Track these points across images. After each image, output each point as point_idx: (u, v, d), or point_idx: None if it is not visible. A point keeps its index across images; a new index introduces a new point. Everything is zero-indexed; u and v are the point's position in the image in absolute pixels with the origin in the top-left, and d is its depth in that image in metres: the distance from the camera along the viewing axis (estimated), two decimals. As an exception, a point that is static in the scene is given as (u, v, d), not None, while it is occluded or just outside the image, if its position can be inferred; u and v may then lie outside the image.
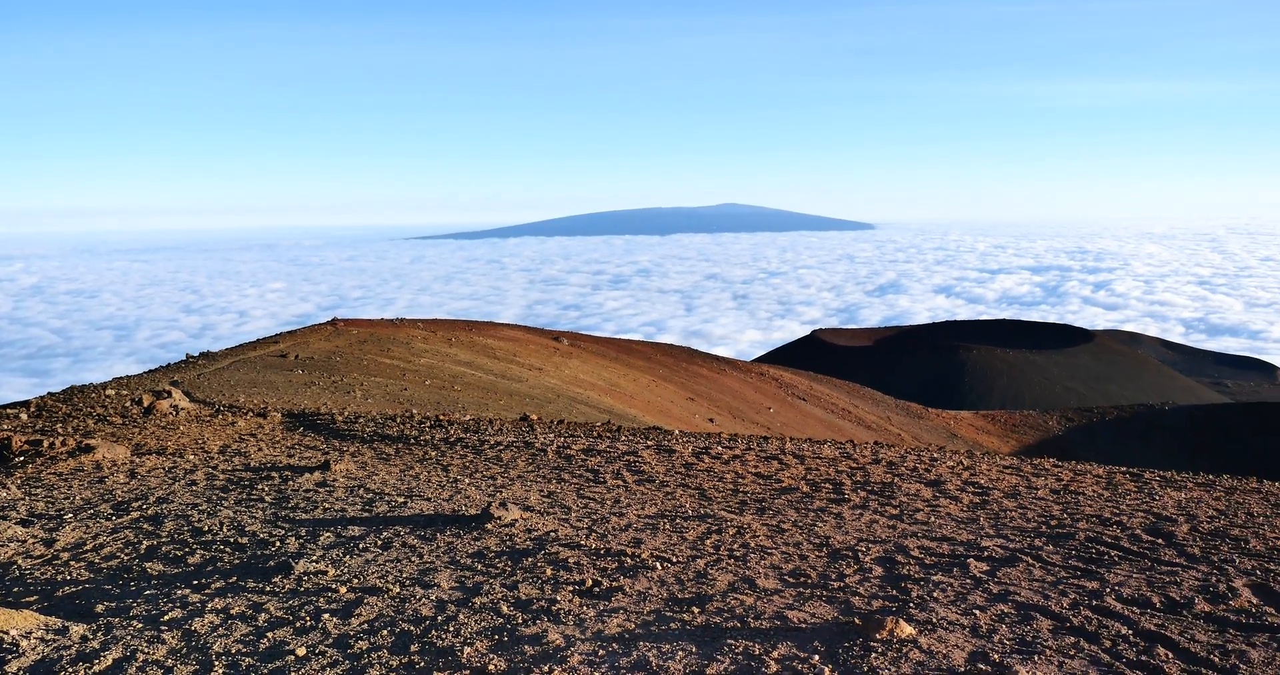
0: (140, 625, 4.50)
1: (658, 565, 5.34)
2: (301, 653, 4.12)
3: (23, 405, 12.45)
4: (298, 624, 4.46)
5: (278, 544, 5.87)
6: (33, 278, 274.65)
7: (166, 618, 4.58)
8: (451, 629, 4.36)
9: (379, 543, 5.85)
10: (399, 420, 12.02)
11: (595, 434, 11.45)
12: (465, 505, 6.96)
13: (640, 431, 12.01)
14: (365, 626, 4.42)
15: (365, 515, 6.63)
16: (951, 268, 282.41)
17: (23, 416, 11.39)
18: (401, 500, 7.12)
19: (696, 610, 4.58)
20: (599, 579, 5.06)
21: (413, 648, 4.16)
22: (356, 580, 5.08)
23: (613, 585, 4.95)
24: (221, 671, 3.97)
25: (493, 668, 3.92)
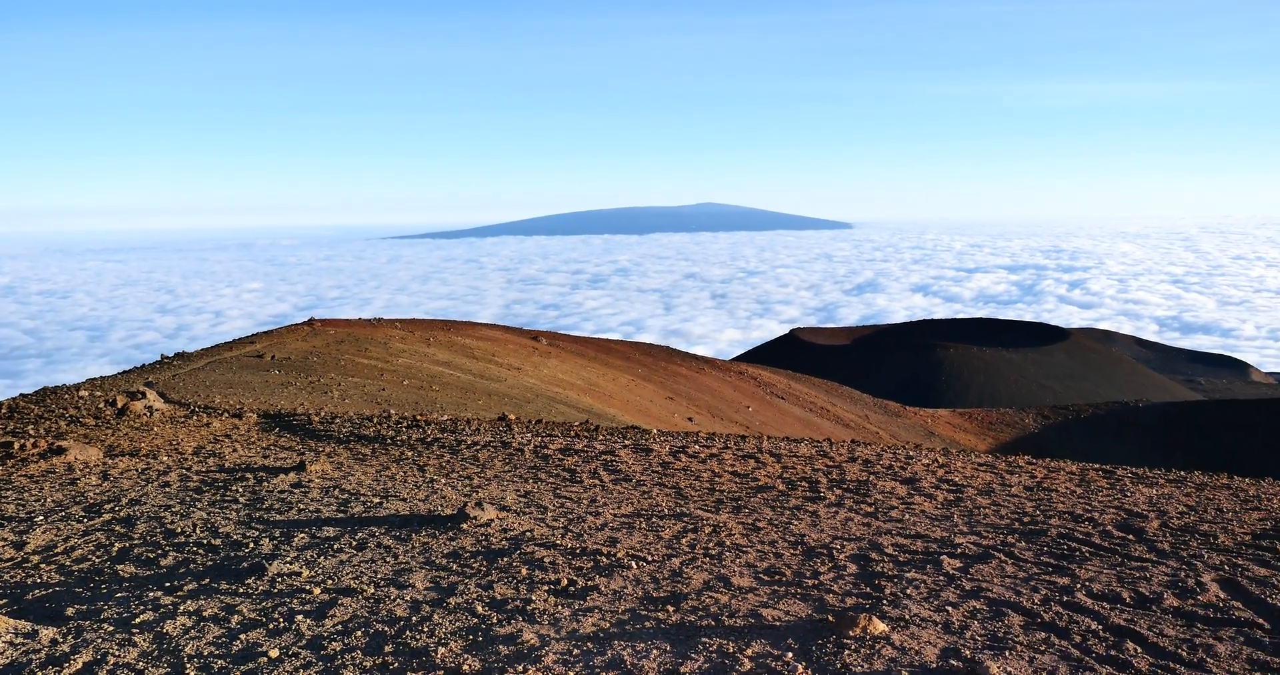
0: (111, 628, 4.46)
1: (633, 564, 5.35)
2: (274, 654, 4.10)
3: (-7, 407, 12.31)
4: (271, 626, 4.44)
5: (251, 545, 5.83)
6: (4, 278, 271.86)
7: (138, 620, 4.54)
8: (426, 629, 4.35)
9: (354, 543, 5.83)
10: (376, 421, 11.97)
11: (573, 433, 11.44)
12: (441, 505, 6.94)
13: (618, 431, 12.02)
14: (339, 627, 4.40)
15: (340, 516, 6.60)
16: (929, 267, 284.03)
17: (-7, 418, 11.27)
18: (377, 501, 7.10)
19: (671, 609, 4.59)
20: (574, 578, 5.06)
21: (387, 649, 4.15)
22: (331, 581, 5.06)
23: (588, 585, 4.96)
24: (193, 674, 3.95)
25: (467, 668, 3.92)
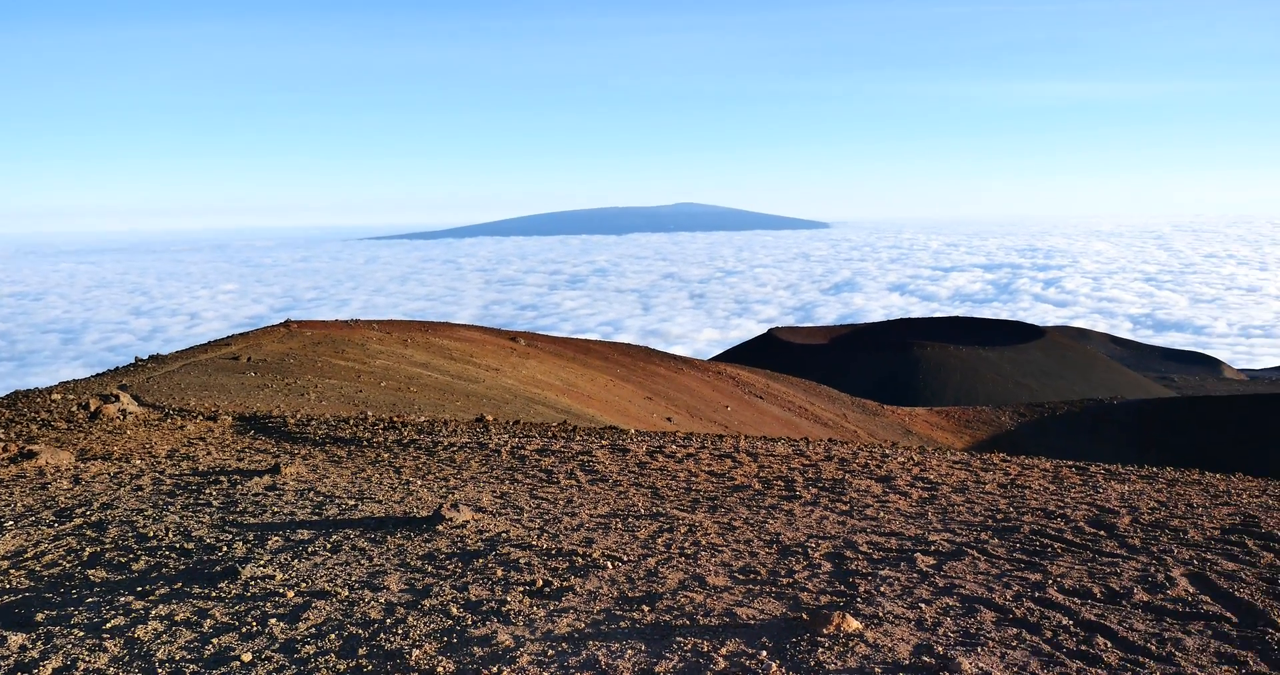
0: (81, 633, 4.42)
1: (609, 564, 5.35)
2: (247, 658, 4.08)
3: (-37, 411, 12.16)
4: (244, 629, 4.42)
5: (225, 549, 5.80)
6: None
7: (109, 625, 4.51)
8: (400, 631, 4.34)
9: (328, 546, 5.80)
10: (352, 422, 11.91)
11: (550, 434, 11.43)
12: (417, 507, 6.92)
13: (595, 431, 12.01)
14: (313, 630, 4.38)
15: (315, 519, 6.57)
16: (905, 266, 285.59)
17: (-37, 423, 11.13)
18: (352, 503, 7.07)
19: (646, 609, 4.60)
20: (550, 579, 5.06)
21: (361, 651, 4.13)
22: (304, 584, 5.04)
23: (563, 585, 4.96)
24: (165, 679, 3.92)
25: (441, 669, 3.91)
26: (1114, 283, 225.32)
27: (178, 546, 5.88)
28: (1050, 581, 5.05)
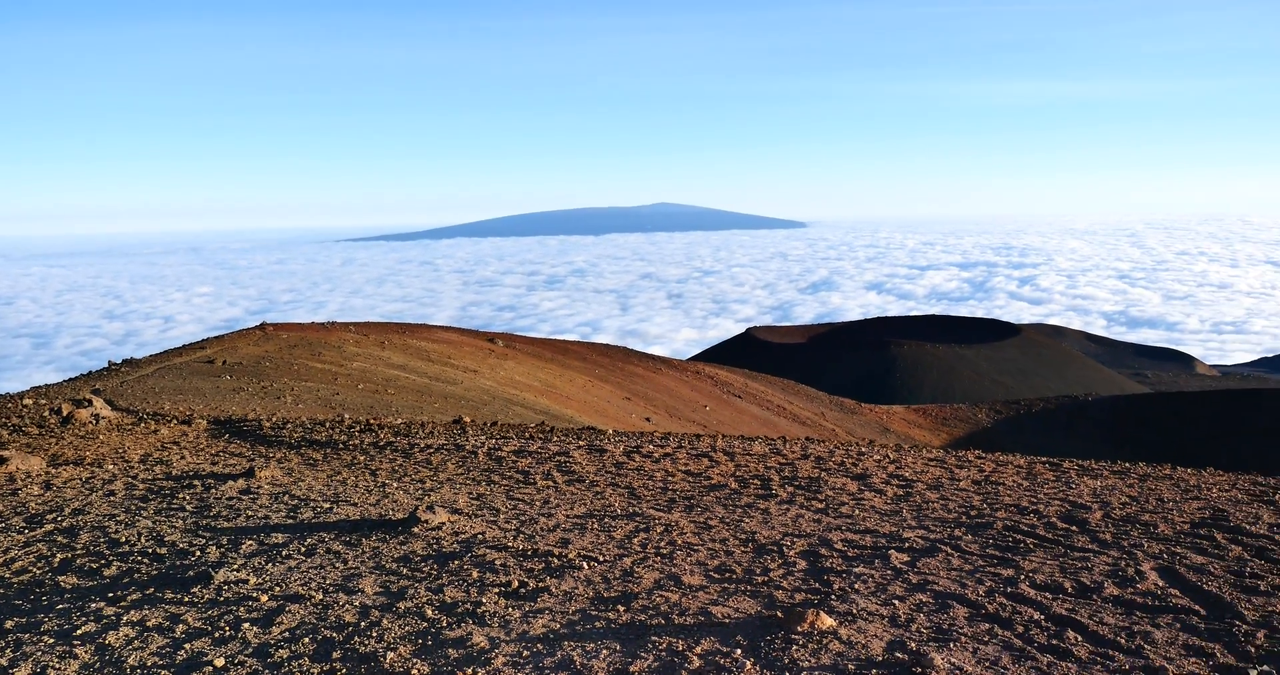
0: (51, 640, 4.38)
1: (584, 565, 5.35)
2: (220, 663, 4.05)
3: (-68, 417, 12.01)
4: (217, 634, 4.39)
5: (198, 553, 5.76)
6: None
7: (79, 632, 4.47)
8: (375, 634, 4.32)
9: (303, 549, 5.77)
10: (328, 425, 11.85)
11: (527, 435, 11.42)
12: (392, 510, 6.90)
13: (573, 432, 12.01)
14: (286, 635, 4.36)
15: (289, 522, 6.53)
16: (882, 265, 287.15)
17: (-69, 429, 10.99)
18: (327, 506, 7.03)
19: (622, 609, 4.61)
20: (525, 580, 5.06)
21: (335, 655, 4.12)
22: (278, 588, 5.01)
23: (539, 586, 4.96)
24: (136, 685, 3.89)
25: (415, 672, 3.90)
26: (1088, 280, 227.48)
27: (150, 551, 5.83)
28: (1022, 577, 5.10)
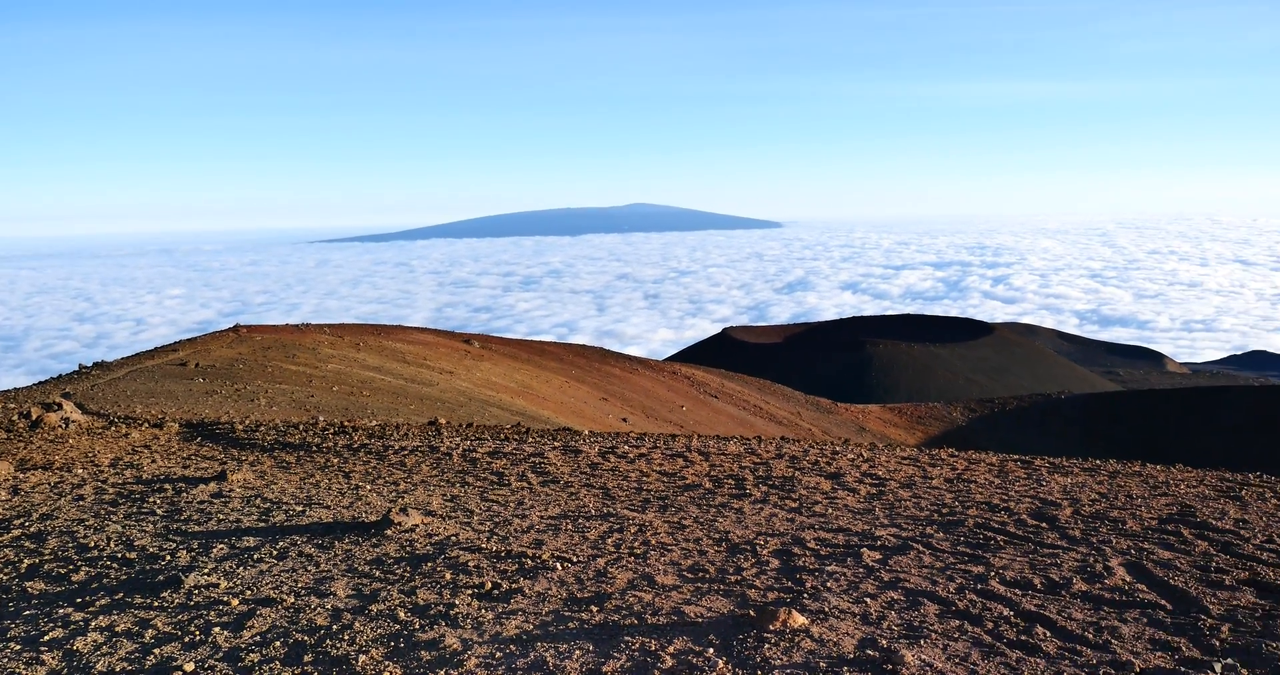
0: (18, 647, 4.34)
1: (558, 566, 5.35)
2: (190, 668, 4.02)
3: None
4: (186, 639, 4.36)
5: (168, 558, 5.71)
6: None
7: (47, 638, 4.42)
8: (347, 637, 4.30)
9: (274, 553, 5.74)
10: (302, 428, 11.78)
11: (502, 436, 11.40)
12: (365, 512, 6.87)
13: (548, 433, 12.00)
14: (257, 638, 4.33)
15: (261, 525, 6.49)
16: (857, 264, 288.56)
17: (-104, 434, 10.84)
18: (300, 509, 6.99)
19: (595, 609, 4.61)
20: (499, 581, 5.05)
21: (306, 658, 4.10)
22: (249, 592, 4.98)
23: (512, 587, 4.95)
24: (104, 691, 3.86)
25: (388, 674, 3.89)
26: (1060, 279, 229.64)
27: (119, 556, 5.78)
28: (992, 574, 5.14)
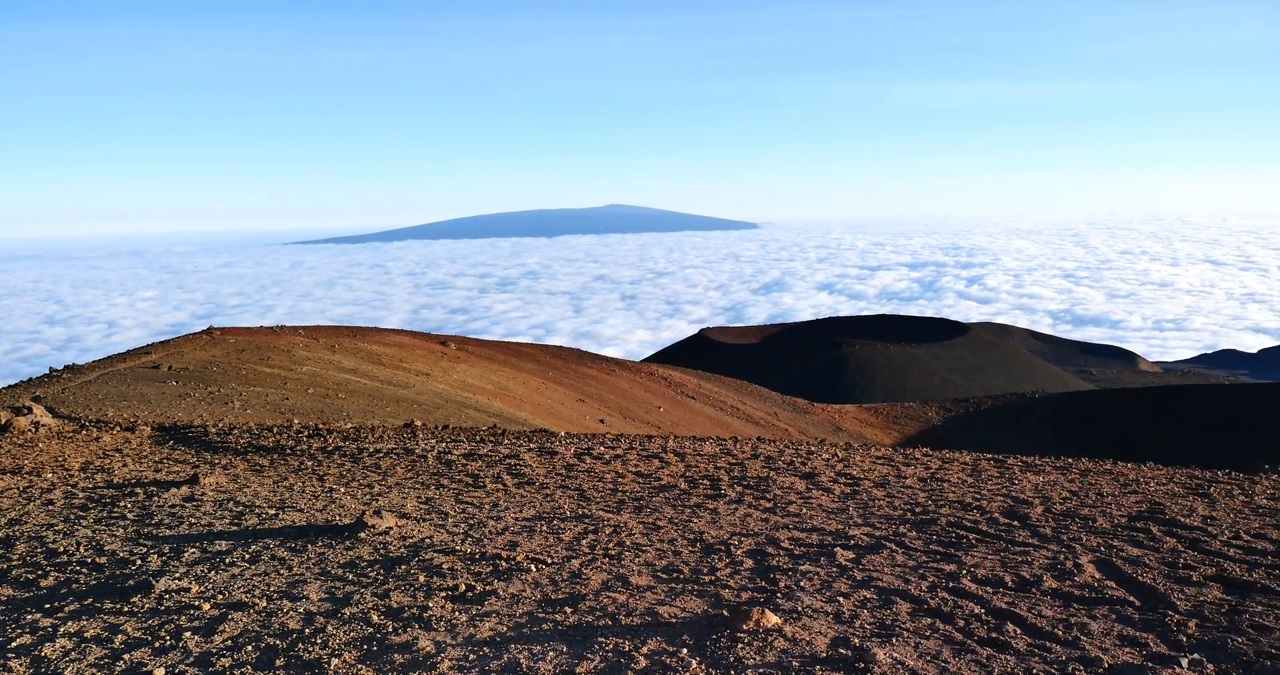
0: (-15, 654, 4.29)
1: (532, 567, 5.35)
2: (160, 673, 3.99)
3: None
4: (157, 644, 4.32)
5: (139, 562, 5.66)
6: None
7: (14, 644, 4.37)
8: (319, 641, 4.28)
9: (247, 556, 5.70)
10: (276, 430, 11.70)
11: (478, 438, 11.37)
12: (339, 515, 6.84)
13: (524, 434, 11.98)
14: (229, 643, 4.30)
15: (234, 529, 6.45)
16: (833, 265, 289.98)
17: None
18: (273, 512, 6.95)
19: (569, 610, 4.61)
20: (472, 584, 5.04)
21: (278, 662, 4.07)
22: (221, 596, 4.94)
23: (486, 589, 4.94)
24: (73, 697, 3.82)
25: (360, 678, 3.88)
26: (1034, 279, 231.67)
27: (89, 561, 5.72)
28: (964, 572, 5.18)
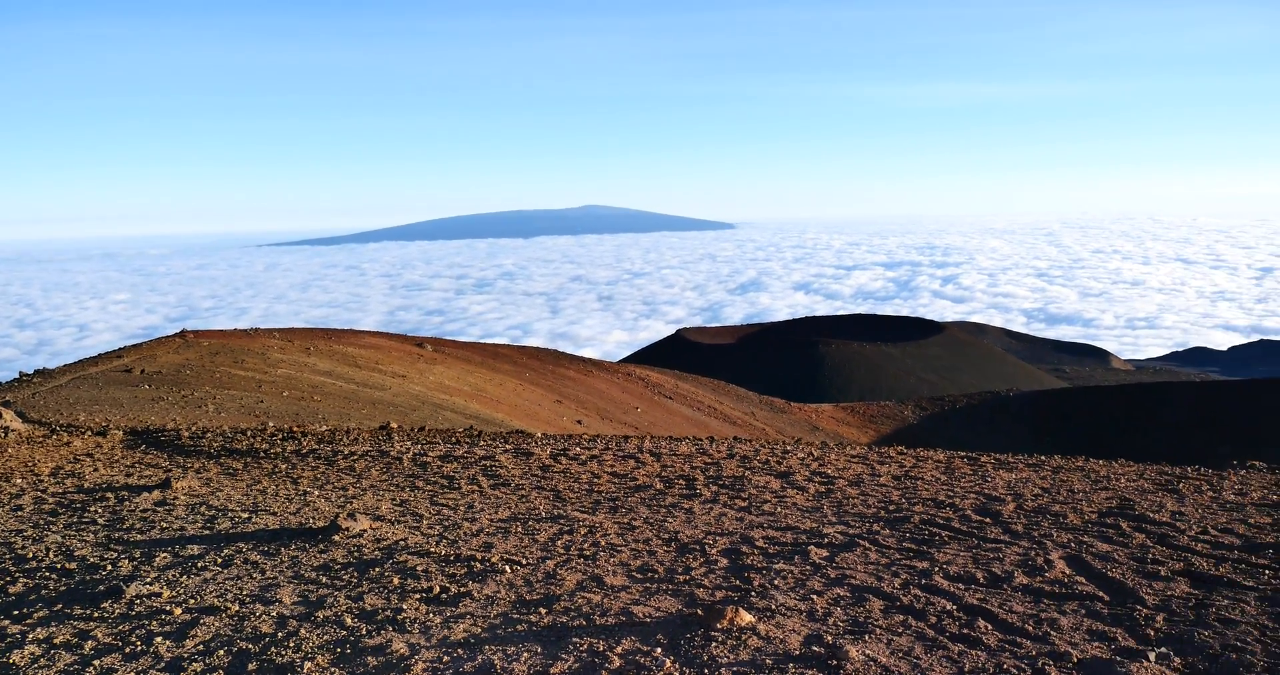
0: (-48, 661, 4.24)
1: (507, 568, 5.34)
2: (130, 679, 3.96)
3: None
4: (127, 649, 4.29)
5: (109, 568, 5.61)
6: None
7: (-18, 652, 4.33)
8: (292, 645, 4.26)
9: (219, 561, 5.66)
10: (250, 434, 11.62)
11: (454, 440, 11.33)
12: (313, 518, 6.80)
13: (500, 436, 11.95)
14: (200, 647, 4.28)
15: (206, 533, 6.40)
16: (809, 265, 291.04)
17: None
18: (246, 516, 6.91)
19: (544, 611, 4.61)
20: (447, 585, 5.03)
21: (250, 666, 4.05)
22: (193, 600, 4.91)
23: (461, 591, 4.94)
24: (41, 704, 3.79)
25: (333, 681, 3.86)
26: (1008, 278, 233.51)
27: (58, 567, 5.67)
28: (937, 569, 5.22)
